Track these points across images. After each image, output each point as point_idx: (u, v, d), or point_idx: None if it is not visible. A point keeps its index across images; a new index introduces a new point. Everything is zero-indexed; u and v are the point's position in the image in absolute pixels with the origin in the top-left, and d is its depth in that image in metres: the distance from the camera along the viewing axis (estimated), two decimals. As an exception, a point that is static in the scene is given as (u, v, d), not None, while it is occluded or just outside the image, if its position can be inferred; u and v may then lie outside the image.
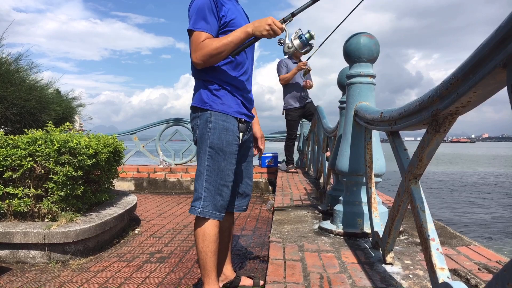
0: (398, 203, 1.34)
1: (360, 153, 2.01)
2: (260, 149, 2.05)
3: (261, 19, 1.60)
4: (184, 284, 2.25)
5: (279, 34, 1.62)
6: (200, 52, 1.61)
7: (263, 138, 2.05)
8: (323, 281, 1.40)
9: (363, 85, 2.03)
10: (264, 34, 1.59)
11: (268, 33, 1.59)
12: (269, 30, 1.58)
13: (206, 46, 1.60)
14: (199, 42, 1.61)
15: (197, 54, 1.62)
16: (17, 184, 2.78)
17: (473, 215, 9.09)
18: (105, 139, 3.47)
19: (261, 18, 1.62)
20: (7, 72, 4.64)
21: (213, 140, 1.67)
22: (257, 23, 1.59)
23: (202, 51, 1.60)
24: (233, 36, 1.60)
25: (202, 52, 1.60)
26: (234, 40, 1.60)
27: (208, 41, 1.60)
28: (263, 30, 1.58)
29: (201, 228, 1.71)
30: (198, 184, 1.71)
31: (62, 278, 2.32)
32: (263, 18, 1.61)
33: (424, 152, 1.10)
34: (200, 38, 1.61)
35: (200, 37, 1.61)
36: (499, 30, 0.65)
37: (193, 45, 1.63)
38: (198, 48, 1.61)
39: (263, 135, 2.06)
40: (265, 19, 1.58)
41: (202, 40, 1.61)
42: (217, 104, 1.69)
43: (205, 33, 1.62)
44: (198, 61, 1.63)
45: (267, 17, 1.61)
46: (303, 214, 2.64)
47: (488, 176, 19.45)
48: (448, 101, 0.90)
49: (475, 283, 1.35)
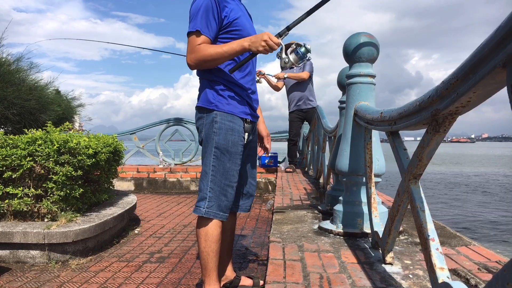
0: (398, 203, 1.34)
1: (360, 153, 2.01)
2: (266, 148, 2.05)
3: (257, 35, 1.61)
4: (184, 284, 2.25)
5: (276, 49, 1.63)
6: (194, 55, 1.62)
7: (269, 136, 2.05)
8: (323, 281, 1.40)
9: (363, 85, 2.03)
10: (260, 50, 1.59)
11: (264, 49, 1.59)
12: (265, 46, 1.58)
13: (201, 50, 1.61)
14: (196, 44, 1.62)
15: (191, 56, 1.63)
16: (17, 184, 2.78)
17: (473, 215, 9.10)
18: (105, 139, 3.47)
19: (258, 34, 1.64)
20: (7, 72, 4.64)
21: (219, 141, 1.67)
22: (254, 38, 1.60)
23: (197, 55, 1.62)
24: (229, 47, 1.61)
25: (196, 55, 1.62)
26: (229, 51, 1.61)
27: (204, 46, 1.62)
28: (259, 46, 1.58)
29: (204, 228, 1.71)
30: (203, 184, 1.71)
31: (62, 278, 2.32)
32: (259, 34, 1.63)
33: (424, 152, 1.10)
34: (197, 41, 1.62)
35: (197, 40, 1.62)
36: (499, 30, 0.65)
37: (190, 46, 1.64)
38: (193, 50, 1.63)
39: (269, 133, 2.06)
40: (261, 35, 1.59)
41: (198, 43, 1.62)
42: (223, 105, 1.69)
43: (203, 36, 1.63)
44: (191, 63, 1.65)
45: (263, 32, 1.63)
46: (303, 214, 2.64)
47: (488, 176, 19.46)
48: (448, 101, 0.90)
49: (475, 283, 1.35)
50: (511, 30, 0.62)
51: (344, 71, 2.49)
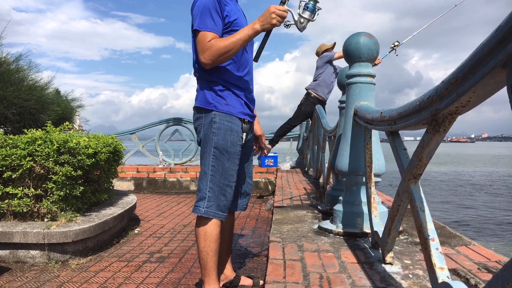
0: (397, 203, 1.34)
1: (360, 153, 2.01)
2: (261, 148, 2.05)
3: (263, 14, 1.60)
4: (183, 284, 2.25)
5: (286, 16, 1.61)
6: (209, 52, 1.59)
7: (264, 136, 2.05)
8: (322, 281, 1.40)
9: (362, 85, 2.03)
10: (274, 23, 1.58)
11: (277, 21, 1.58)
12: (276, 17, 1.58)
13: (214, 45, 1.59)
14: (206, 41, 1.60)
15: (206, 54, 1.60)
16: (17, 184, 2.78)
17: (473, 214, 9.10)
18: (105, 139, 3.47)
19: (262, 13, 1.63)
20: (6, 71, 4.63)
21: (218, 141, 1.68)
22: (262, 17, 1.59)
23: (211, 51, 1.59)
24: (241, 34, 1.60)
25: (211, 51, 1.59)
26: (243, 37, 1.59)
27: (215, 40, 1.60)
28: (272, 20, 1.57)
29: (203, 228, 1.71)
30: (202, 184, 1.71)
31: (62, 278, 2.32)
32: (264, 12, 1.62)
33: (423, 152, 1.10)
34: (206, 38, 1.60)
35: (207, 37, 1.60)
36: (499, 30, 0.65)
37: (200, 45, 1.62)
38: (205, 47, 1.60)
39: (264, 133, 2.07)
40: (267, 10, 1.59)
41: (209, 40, 1.60)
42: (222, 105, 1.69)
43: (211, 33, 1.61)
44: (207, 61, 1.61)
45: (266, 9, 1.62)
46: (303, 214, 2.64)
47: (489, 176, 19.46)
48: (448, 100, 0.90)
49: (475, 282, 1.35)
50: (511, 30, 0.62)
51: (344, 71, 2.49)
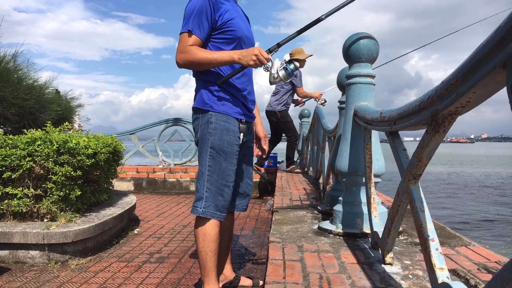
0: (397, 203, 1.34)
1: (360, 153, 2.01)
2: (263, 149, 2.04)
3: (248, 49, 1.63)
4: (183, 284, 2.25)
5: (265, 64, 1.66)
6: (184, 55, 1.65)
7: (266, 138, 2.05)
8: (322, 281, 1.40)
9: (362, 85, 2.03)
10: (250, 64, 1.62)
11: (254, 63, 1.62)
12: (256, 61, 1.61)
13: (192, 53, 1.63)
14: (187, 45, 1.64)
15: (181, 56, 1.65)
16: (16, 184, 2.78)
17: (473, 215, 9.10)
18: (104, 139, 3.47)
19: (248, 48, 1.67)
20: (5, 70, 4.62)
21: (214, 141, 1.68)
22: (245, 52, 1.62)
23: (186, 56, 1.64)
24: (219, 56, 1.64)
25: (185, 56, 1.64)
26: (218, 59, 1.63)
27: (195, 49, 1.63)
28: (250, 60, 1.61)
29: (202, 228, 1.71)
30: (200, 185, 1.71)
31: (61, 278, 2.32)
32: (250, 48, 1.65)
33: (423, 152, 1.10)
34: (188, 41, 1.64)
35: (189, 40, 1.64)
36: (499, 30, 0.65)
37: (180, 45, 1.66)
38: (184, 50, 1.65)
39: (266, 134, 2.06)
40: (252, 49, 1.62)
41: (190, 43, 1.64)
42: (218, 105, 1.70)
43: (194, 37, 1.64)
44: (180, 62, 1.67)
45: (253, 47, 1.65)
46: (303, 214, 2.64)
47: (489, 176, 19.47)
48: (448, 101, 0.90)
49: (475, 283, 1.35)
50: (511, 30, 0.62)
51: (343, 71, 2.48)
